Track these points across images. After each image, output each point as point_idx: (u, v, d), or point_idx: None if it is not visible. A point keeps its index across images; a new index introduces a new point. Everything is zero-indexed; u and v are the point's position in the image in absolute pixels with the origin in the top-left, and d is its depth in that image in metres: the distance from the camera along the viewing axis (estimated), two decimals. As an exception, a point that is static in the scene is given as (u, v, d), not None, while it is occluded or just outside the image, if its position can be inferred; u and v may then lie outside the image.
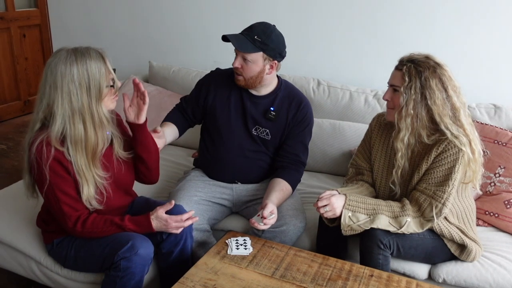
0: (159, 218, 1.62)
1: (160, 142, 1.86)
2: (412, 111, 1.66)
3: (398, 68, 1.71)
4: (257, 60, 1.88)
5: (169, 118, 2.10)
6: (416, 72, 1.65)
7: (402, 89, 1.67)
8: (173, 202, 1.66)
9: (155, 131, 1.84)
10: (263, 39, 1.86)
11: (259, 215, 1.75)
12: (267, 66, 1.92)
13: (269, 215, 1.74)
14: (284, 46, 1.94)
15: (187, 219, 1.65)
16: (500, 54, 2.49)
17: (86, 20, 3.56)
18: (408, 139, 1.71)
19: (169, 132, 2.00)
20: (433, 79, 1.63)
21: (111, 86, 1.56)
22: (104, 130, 1.60)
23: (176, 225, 1.63)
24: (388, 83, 1.76)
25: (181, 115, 2.11)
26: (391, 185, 1.82)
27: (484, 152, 1.72)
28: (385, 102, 1.79)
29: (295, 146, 2.03)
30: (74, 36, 3.63)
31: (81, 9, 3.54)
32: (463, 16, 2.50)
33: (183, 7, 3.17)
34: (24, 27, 4.34)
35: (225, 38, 1.89)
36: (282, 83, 2.06)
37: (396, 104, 1.70)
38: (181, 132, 2.08)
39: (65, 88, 1.48)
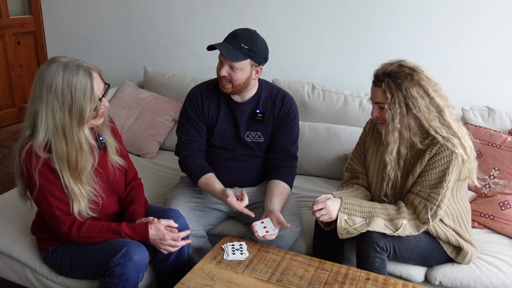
0: (158, 229, 1.62)
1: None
2: (399, 125, 1.65)
3: (376, 85, 1.69)
4: (245, 67, 1.88)
5: (207, 169, 1.97)
6: (396, 85, 1.63)
7: (386, 106, 1.66)
8: (177, 225, 1.67)
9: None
10: (249, 46, 1.85)
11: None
12: (253, 72, 1.92)
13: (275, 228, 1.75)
14: (268, 51, 1.94)
15: (182, 238, 1.67)
16: (493, 57, 2.50)
17: (80, 27, 3.56)
18: (398, 151, 1.71)
19: (216, 180, 1.93)
20: (413, 87, 1.62)
21: (94, 110, 1.53)
22: (88, 156, 1.56)
23: (170, 242, 1.64)
24: (371, 99, 1.75)
25: (201, 156, 2.03)
26: (383, 198, 1.82)
27: (477, 154, 1.73)
28: None
29: (283, 140, 2.03)
30: (69, 43, 3.63)
31: (76, 16, 3.55)
32: (456, 19, 2.51)
33: (178, 13, 3.18)
34: (18, 34, 4.34)
35: (211, 47, 1.87)
36: (263, 84, 2.07)
37: (385, 119, 1.70)
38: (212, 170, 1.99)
39: (49, 103, 1.47)
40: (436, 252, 1.78)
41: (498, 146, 2.14)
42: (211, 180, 1.92)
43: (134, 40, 3.39)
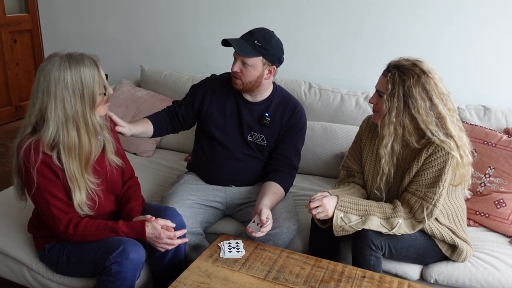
0: (154, 228, 1.63)
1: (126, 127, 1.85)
2: (394, 119, 1.66)
3: (384, 74, 1.71)
4: (257, 64, 1.89)
5: (150, 116, 2.04)
6: (400, 80, 1.64)
7: (385, 97, 1.67)
8: (174, 225, 1.67)
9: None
10: (263, 44, 1.87)
11: (254, 222, 1.75)
12: (266, 71, 1.93)
13: (266, 221, 1.75)
14: (283, 52, 1.96)
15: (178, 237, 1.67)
16: (489, 56, 2.51)
17: (77, 25, 3.55)
18: (392, 146, 1.71)
19: (140, 126, 1.96)
20: (416, 88, 1.62)
21: (104, 94, 1.57)
22: (97, 137, 1.60)
23: (166, 241, 1.64)
24: (375, 87, 1.77)
25: (167, 118, 2.08)
26: (376, 192, 1.82)
27: (472, 152, 1.74)
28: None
29: (287, 149, 2.04)
30: (66, 41, 3.62)
31: (72, 14, 3.54)
32: (453, 18, 2.52)
33: (175, 12, 3.17)
34: (15, 32, 4.33)
35: (225, 43, 1.90)
36: (277, 89, 2.08)
37: (380, 109, 1.72)
38: (156, 132, 2.03)
39: (58, 95, 1.48)
40: (431, 251, 1.79)
41: (494, 145, 2.16)
42: (138, 121, 1.99)
43: (131, 39, 3.39)
